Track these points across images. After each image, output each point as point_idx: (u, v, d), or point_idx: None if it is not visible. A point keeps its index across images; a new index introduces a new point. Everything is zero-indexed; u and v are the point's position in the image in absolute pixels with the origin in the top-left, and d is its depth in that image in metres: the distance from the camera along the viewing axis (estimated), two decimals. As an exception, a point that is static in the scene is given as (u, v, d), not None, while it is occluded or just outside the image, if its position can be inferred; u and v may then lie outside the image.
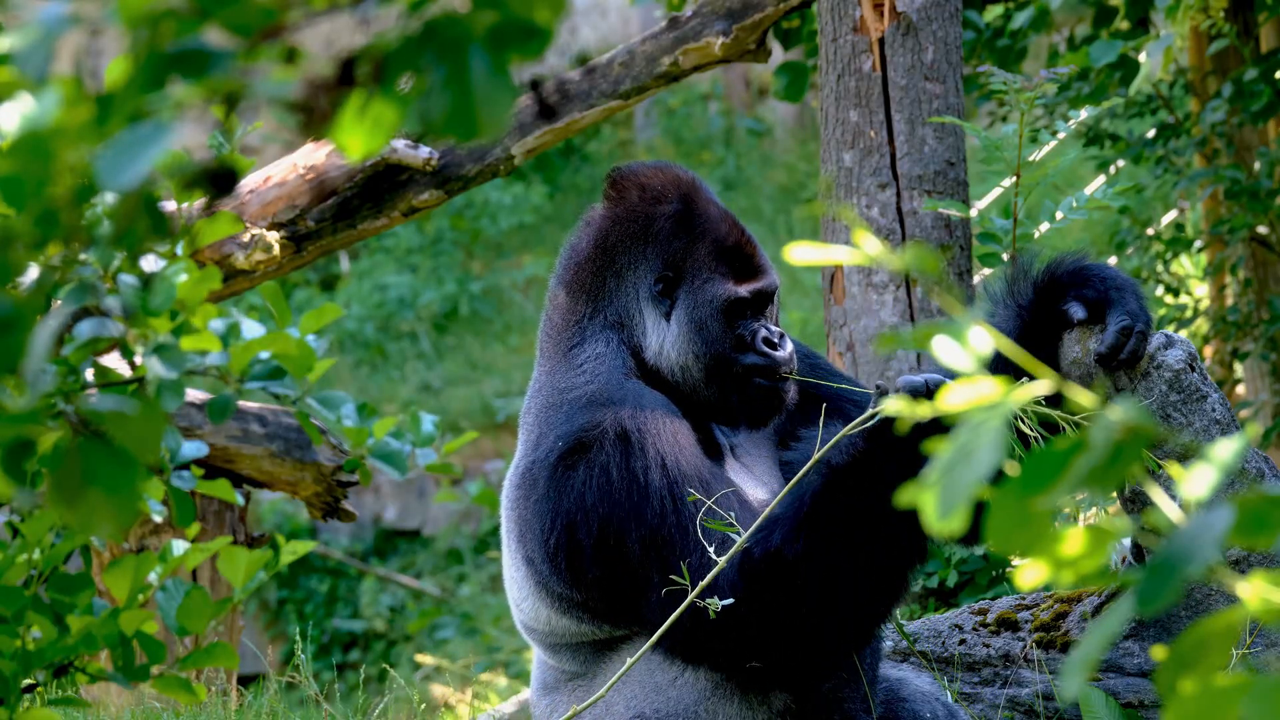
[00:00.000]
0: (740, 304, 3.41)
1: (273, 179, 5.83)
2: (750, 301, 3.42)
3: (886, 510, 3.10)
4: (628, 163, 3.58)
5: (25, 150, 1.47)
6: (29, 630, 2.22)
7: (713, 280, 3.42)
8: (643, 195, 3.48)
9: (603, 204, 3.53)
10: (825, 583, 3.13)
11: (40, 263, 1.64)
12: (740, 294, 3.41)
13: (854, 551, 3.12)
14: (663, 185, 3.48)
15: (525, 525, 3.37)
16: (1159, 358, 3.51)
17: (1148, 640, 3.71)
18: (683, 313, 3.42)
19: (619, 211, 3.49)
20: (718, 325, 3.41)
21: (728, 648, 3.21)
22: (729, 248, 3.44)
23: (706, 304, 3.41)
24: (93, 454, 1.60)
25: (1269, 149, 7.49)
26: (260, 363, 2.01)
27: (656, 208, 3.46)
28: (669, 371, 3.43)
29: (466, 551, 12.80)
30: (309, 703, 5.44)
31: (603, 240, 3.48)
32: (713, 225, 3.45)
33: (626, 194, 3.49)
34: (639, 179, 3.50)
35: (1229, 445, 1.41)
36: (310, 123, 1.44)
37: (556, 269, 3.56)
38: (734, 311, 3.41)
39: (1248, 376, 8.31)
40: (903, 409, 1.53)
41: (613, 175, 3.53)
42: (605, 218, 3.50)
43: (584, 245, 3.50)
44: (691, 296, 3.42)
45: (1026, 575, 1.45)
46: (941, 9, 5.05)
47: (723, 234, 3.45)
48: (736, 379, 3.41)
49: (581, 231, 3.53)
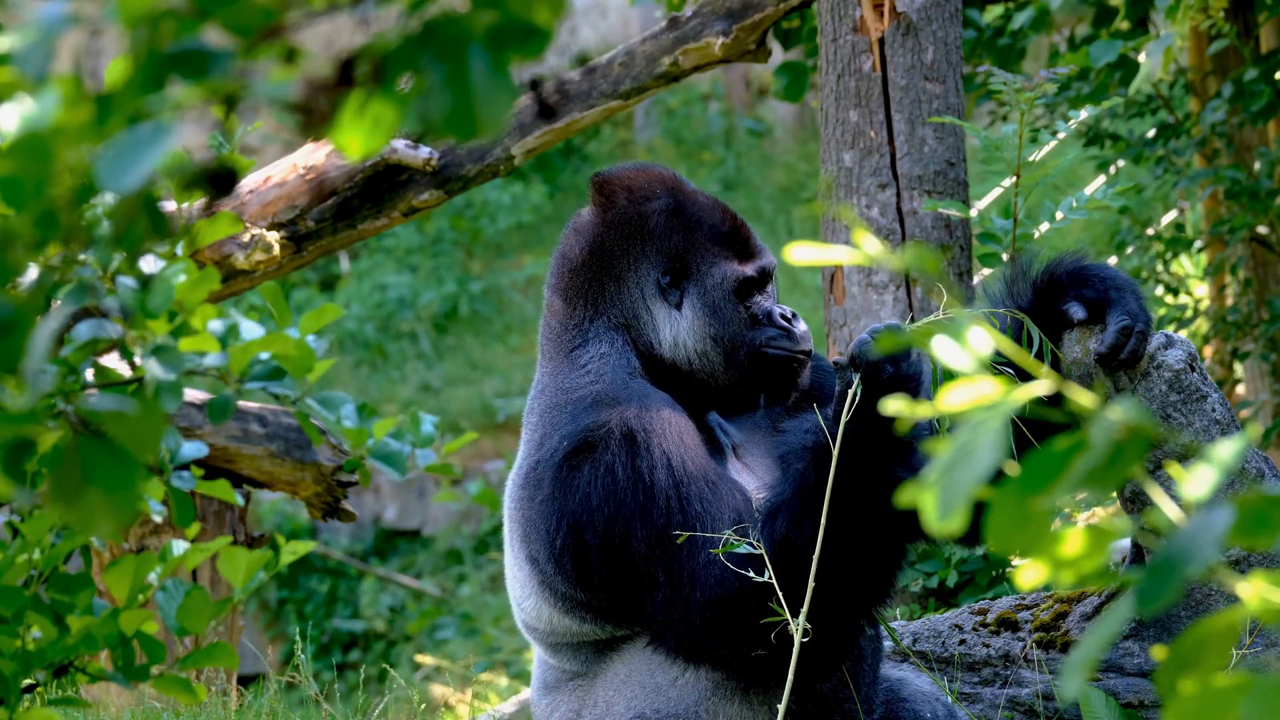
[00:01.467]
0: (749, 282, 3.48)
1: (273, 179, 5.83)
2: (756, 280, 3.49)
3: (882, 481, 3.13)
4: (607, 167, 3.61)
5: (25, 150, 1.47)
6: (29, 630, 2.22)
7: (718, 264, 3.48)
8: (631, 196, 3.50)
9: (590, 210, 3.54)
10: (834, 561, 3.14)
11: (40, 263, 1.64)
12: (747, 273, 3.48)
13: (858, 528, 3.14)
14: (648, 184, 3.52)
15: (529, 525, 3.37)
16: (1159, 358, 3.51)
17: (1148, 640, 3.71)
18: (695, 300, 3.47)
19: (610, 216, 3.50)
20: (730, 305, 3.47)
21: (734, 640, 3.21)
22: (726, 232, 3.50)
23: (717, 287, 3.47)
24: (92, 454, 1.60)
25: (1269, 149, 7.49)
26: (260, 363, 2.01)
27: (647, 205, 3.49)
28: (686, 360, 3.46)
29: (466, 552, 12.80)
30: (309, 703, 5.45)
31: (597, 245, 3.50)
32: (706, 213, 3.51)
33: (615, 197, 3.51)
34: (624, 181, 3.53)
35: (1229, 445, 1.41)
36: (310, 123, 1.44)
37: (549, 278, 3.56)
38: (744, 290, 3.48)
39: (1248, 376, 8.31)
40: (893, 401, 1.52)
41: (597, 181, 3.55)
42: (596, 223, 3.51)
43: (577, 252, 3.51)
44: (700, 283, 3.47)
45: (1026, 575, 1.45)
46: (941, 9, 5.05)
47: (717, 220, 3.51)
48: (756, 355, 3.45)
49: (571, 239, 3.54)
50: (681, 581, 3.21)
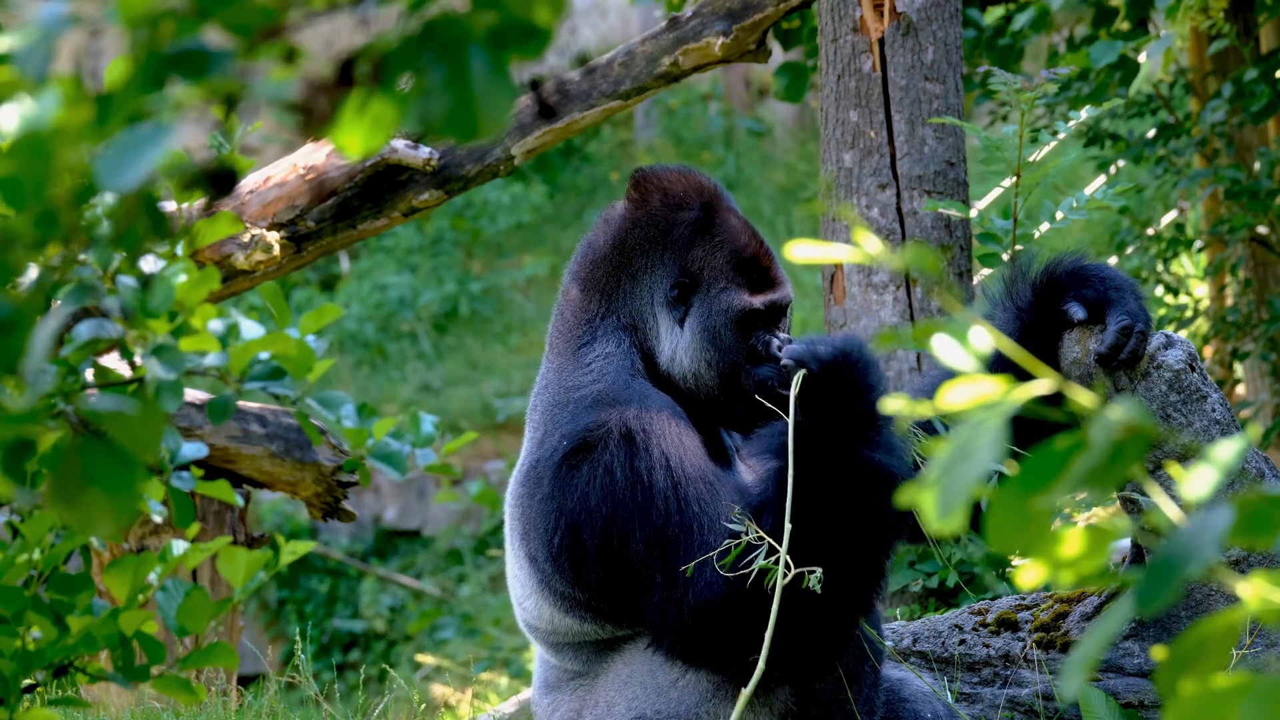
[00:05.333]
0: (754, 315, 3.43)
1: (273, 179, 5.83)
2: (764, 313, 3.43)
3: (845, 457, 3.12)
4: (652, 165, 3.58)
5: (25, 150, 1.47)
6: (29, 630, 2.22)
7: (729, 290, 3.43)
8: (665, 200, 3.48)
9: (624, 204, 3.52)
10: (817, 545, 3.13)
11: (40, 263, 1.64)
12: (754, 305, 3.42)
13: (838, 515, 3.12)
14: (685, 191, 3.48)
15: (529, 524, 3.38)
16: (1159, 358, 3.51)
17: (1148, 640, 3.71)
18: (696, 321, 3.43)
19: (640, 214, 3.48)
20: (731, 335, 3.42)
21: (733, 642, 3.21)
22: (746, 259, 3.45)
23: (721, 313, 3.42)
24: (92, 454, 1.60)
25: (1269, 149, 7.49)
26: (260, 363, 2.01)
27: (678, 214, 3.46)
28: (681, 378, 3.43)
29: (466, 551, 12.80)
30: (309, 703, 5.44)
31: (621, 241, 3.48)
32: (732, 235, 3.46)
33: (649, 197, 3.49)
34: (662, 182, 3.49)
35: (1229, 445, 1.41)
36: (310, 123, 1.44)
37: (571, 264, 3.55)
38: (747, 322, 3.42)
39: (1248, 376, 8.31)
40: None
41: (636, 176, 3.52)
42: (625, 218, 3.50)
43: (601, 243, 3.50)
44: (706, 305, 3.43)
45: (1026, 575, 1.45)
46: (941, 9, 5.05)
47: (741, 244, 3.45)
48: (749, 389, 3.41)
49: (600, 229, 3.53)
50: (678, 582, 3.21)
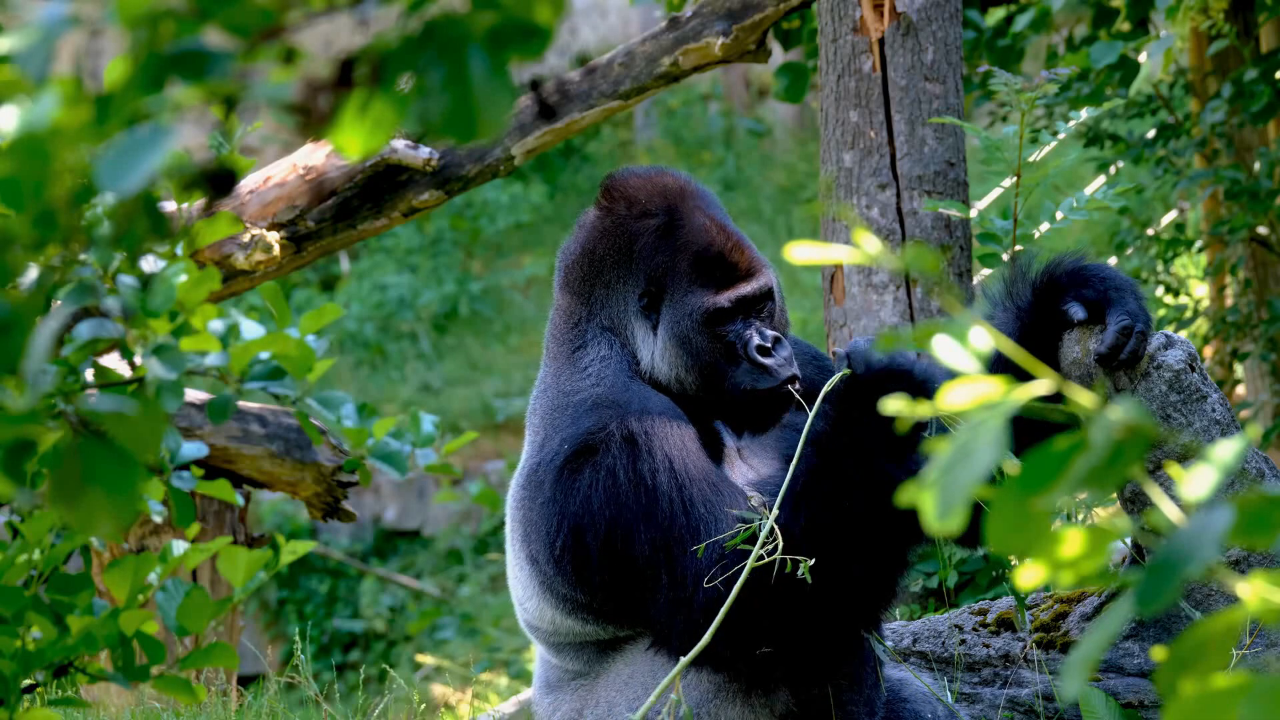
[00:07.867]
0: (721, 313, 3.39)
1: (272, 179, 5.83)
2: (732, 309, 3.40)
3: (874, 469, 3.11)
4: (622, 169, 3.58)
5: (24, 151, 1.47)
6: (29, 630, 2.22)
7: (692, 293, 3.40)
8: (630, 208, 3.47)
9: (594, 211, 3.53)
10: (831, 552, 3.13)
11: (40, 263, 1.64)
12: (719, 304, 3.39)
13: (853, 517, 3.12)
14: (649, 197, 3.46)
15: (531, 526, 3.38)
16: (1159, 358, 3.51)
17: (1148, 640, 3.71)
18: (666, 328, 3.41)
19: (607, 223, 3.48)
20: (702, 337, 3.39)
21: (737, 640, 3.21)
22: (710, 258, 3.41)
23: (687, 318, 3.40)
24: (93, 454, 1.60)
25: (1269, 149, 7.49)
26: (260, 363, 2.01)
27: (641, 222, 3.45)
28: (664, 381, 3.43)
29: (466, 552, 12.80)
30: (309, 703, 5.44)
31: (590, 251, 3.49)
32: (695, 236, 3.42)
33: (614, 206, 3.49)
34: (627, 190, 3.49)
35: (1229, 446, 1.41)
36: (309, 123, 1.44)
37: (556, 271, 3.57)
38: (716, 321, 3.39)
39: (1248, 376, 8.31)
40: (900, 403, 1.52)
41: (606, 182, 3.53)
42: (594, 228, 3.50)
43: (575, 251, 3.52)
44: (672, 311, 3.41)
45: (1026, 576, 1.45)
46: (941, 9, 5.05)
47: (704, 244, 3.42)
48: (731, 390, 3.40)
49: (575, 237, 3.55)
50: (685, 583, 3.21)
